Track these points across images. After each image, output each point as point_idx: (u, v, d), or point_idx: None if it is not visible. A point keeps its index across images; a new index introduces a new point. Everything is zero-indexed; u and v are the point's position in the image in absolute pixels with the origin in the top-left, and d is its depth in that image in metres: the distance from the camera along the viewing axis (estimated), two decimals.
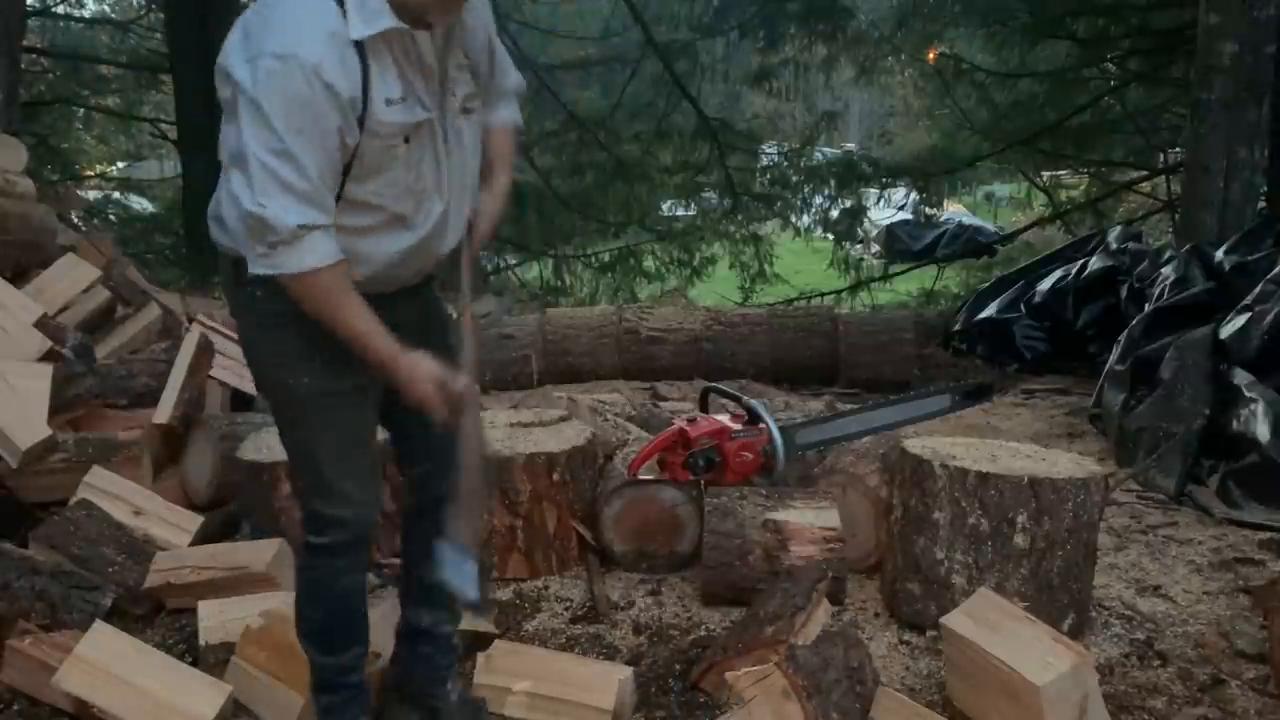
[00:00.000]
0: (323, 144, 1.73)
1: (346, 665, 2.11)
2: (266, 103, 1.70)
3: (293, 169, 1.72)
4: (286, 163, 1.71)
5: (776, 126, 13.27)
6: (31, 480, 3.18)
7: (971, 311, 7.34)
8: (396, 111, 1.80)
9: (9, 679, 2.38)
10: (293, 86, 1.69)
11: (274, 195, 1.72)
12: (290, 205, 1.72)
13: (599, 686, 2.26)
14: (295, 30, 1.71)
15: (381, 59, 1.77)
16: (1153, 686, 2.57)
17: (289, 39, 1.70)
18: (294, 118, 1.70)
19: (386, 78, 1.78)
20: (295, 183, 1.72)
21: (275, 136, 1.70)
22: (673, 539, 3.13)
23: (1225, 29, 6.47)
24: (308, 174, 1.73)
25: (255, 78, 1.71)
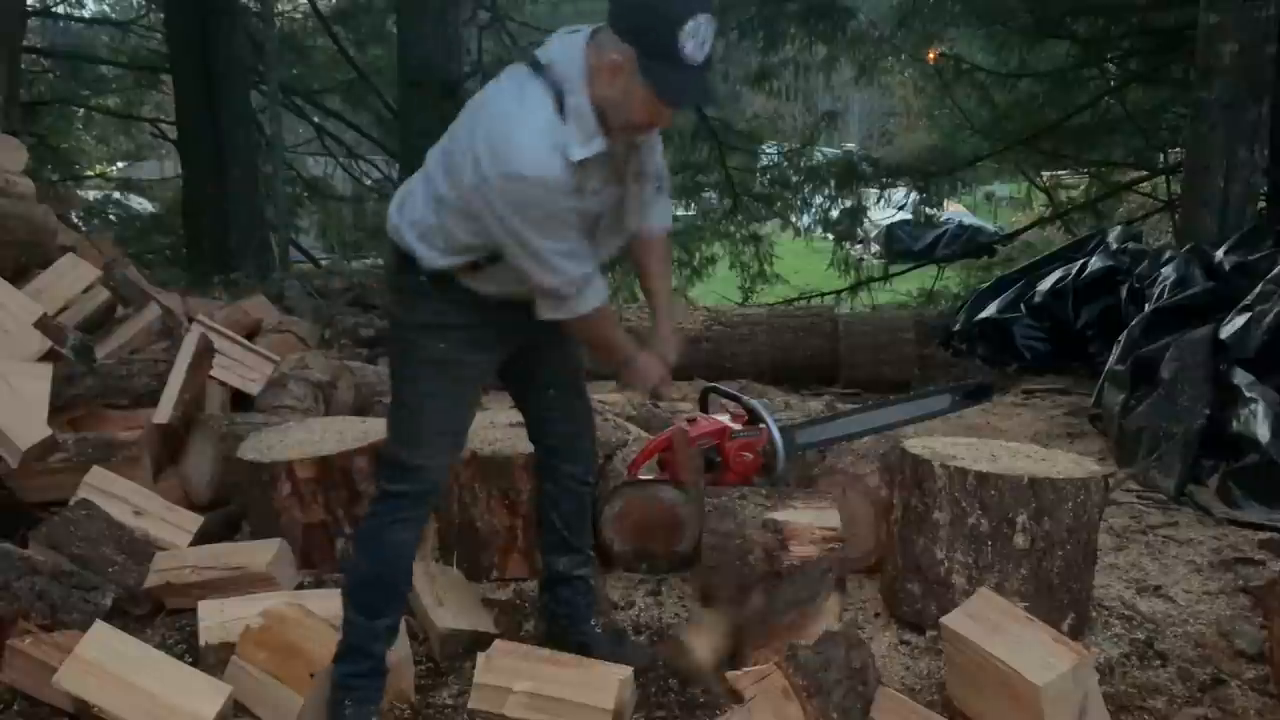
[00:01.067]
0: (564, 222, 2.07)
1: (377, 633, 2.26)
2: (523, 211, 2.02)
3: (560, 244, 2.07)
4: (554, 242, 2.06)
5: (776, 126, 13.25)
6: (31, 480, 3.18)
7: (971, 311, 7.34)
8: (597, 200, 2.15)
9: (9, 679, 2.38)
10: (536, 199, 2.01)
11: (559, 266, 2.09)
12: (572, 267, 2.11)
13: (599, 686, 2.26)
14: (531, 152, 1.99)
15: (587, 168, 2.09)
16: (1153, 686, 2.57)
17: (528, 162, 1.99)
18: (542, 214, 2.03)
19: (592, 176, 2.11)
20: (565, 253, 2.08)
21: (544, 229, 2.04)
22: (672, 539, 3.13)
23: (1225, 29, 6.47)
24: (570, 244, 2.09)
25: (504, 191, 2.01)
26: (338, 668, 2.26)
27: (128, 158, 16.41)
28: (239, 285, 7.99)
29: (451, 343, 2.21)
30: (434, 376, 2.24)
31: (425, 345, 2.23)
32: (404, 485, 2.25)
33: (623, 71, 1.99)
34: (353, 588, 2.29)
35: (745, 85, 12.24)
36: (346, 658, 2.26)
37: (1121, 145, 10.82)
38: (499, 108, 2.07)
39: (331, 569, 3.03)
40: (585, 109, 2.02)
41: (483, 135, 2.04)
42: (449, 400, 2.27)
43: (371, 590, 2.27)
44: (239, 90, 10.07)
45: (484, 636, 2.59)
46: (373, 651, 2.26)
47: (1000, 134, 10.56)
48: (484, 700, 2.33)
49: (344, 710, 2.23)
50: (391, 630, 2.30)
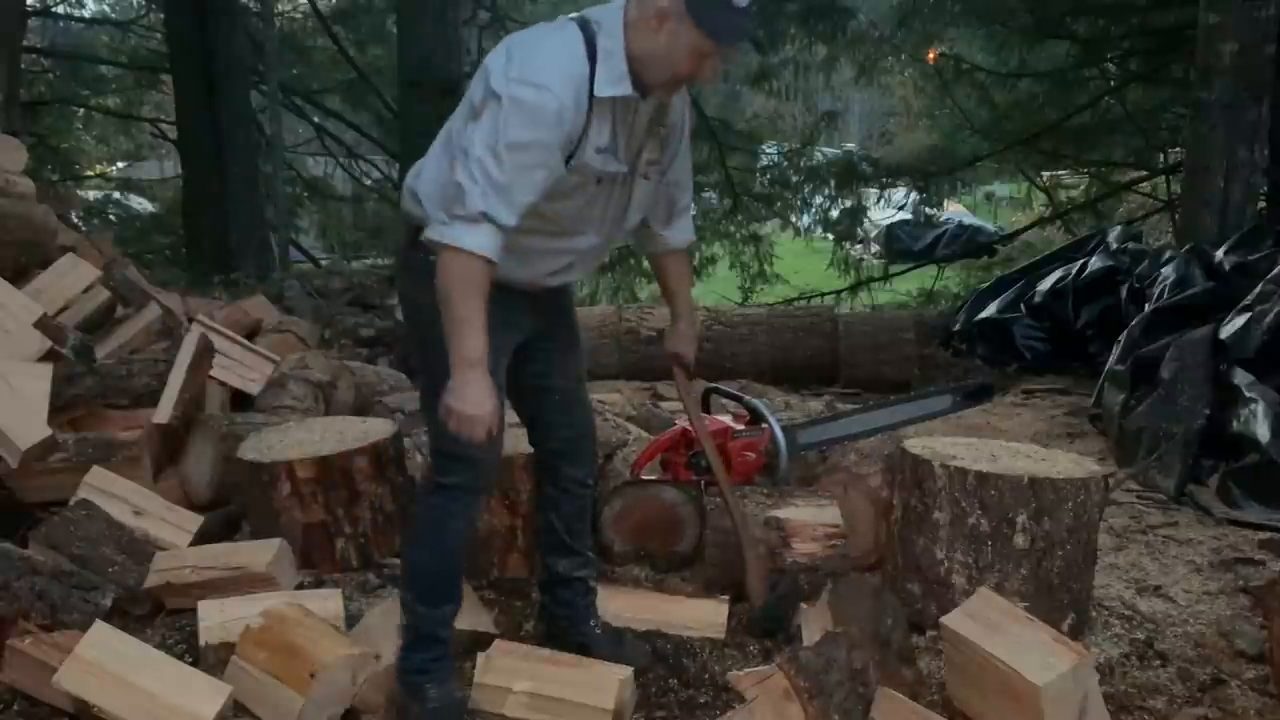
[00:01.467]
0: (535, 164, 2.00)
1: (444, 619, 2.31)
2: (513, 115, 1.97)
3: (499, 170, 1.97)
4: (499, 162, 1.97)
5: (776, 126, 13.26)
6: (31, 480, 3.18)
7: (971, 311, 7.35)
8: (600, 159, 2.10)
9: (9, 679, 2.38)
10: (537, 113, 1.97)
11: (479, 180, 1.98)
12: (486, 192, 1.98)
13: (599, 686, 2.26)
14: (553, 69, 2.00)
15: (603, 113, 2.08)
16: (1153, 686, 2.57)
17: (545, 75, 1.98)
18: (524, 135, 1.97)
19: (602, 129, 2.08)
20: (498, 180, 1.98)
21: (502, 140, 1.97)
22: (672, 539, 3.13)
23: (1225, 29, 6.48)
24: (510, 179, 1.98)
25: (511, 93, 1.97)
26: (410, 657, 2.30)
27: (128, 158, 16.41)
28: (239, 285, 8.00)
29: None
30: None
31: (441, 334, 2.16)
32: (458, 477, 2.25)
33: (670, 18, 2.00)
34: (414, 579, 2.32)
35: (745, 85, 12.24)
36: (417, 647, 2.29)
37: (1121, 145, 10.83)
38: (531, 34, 2.10)
39: (331, 569, 3.03)
40: (618, 53, 2.03)
41: (506, 49, 2.05)
42: None
43: (434, 580, 2.30)
44: (239, 90, 10.07)
45: (484, 636, 2.59)
46: (442, 637, 2.31)
47: (1000, 134, 10.57)
48: (484, 700, 2.33)
49: (427, 693, 2.26)
50: (455, 613, 2.34)
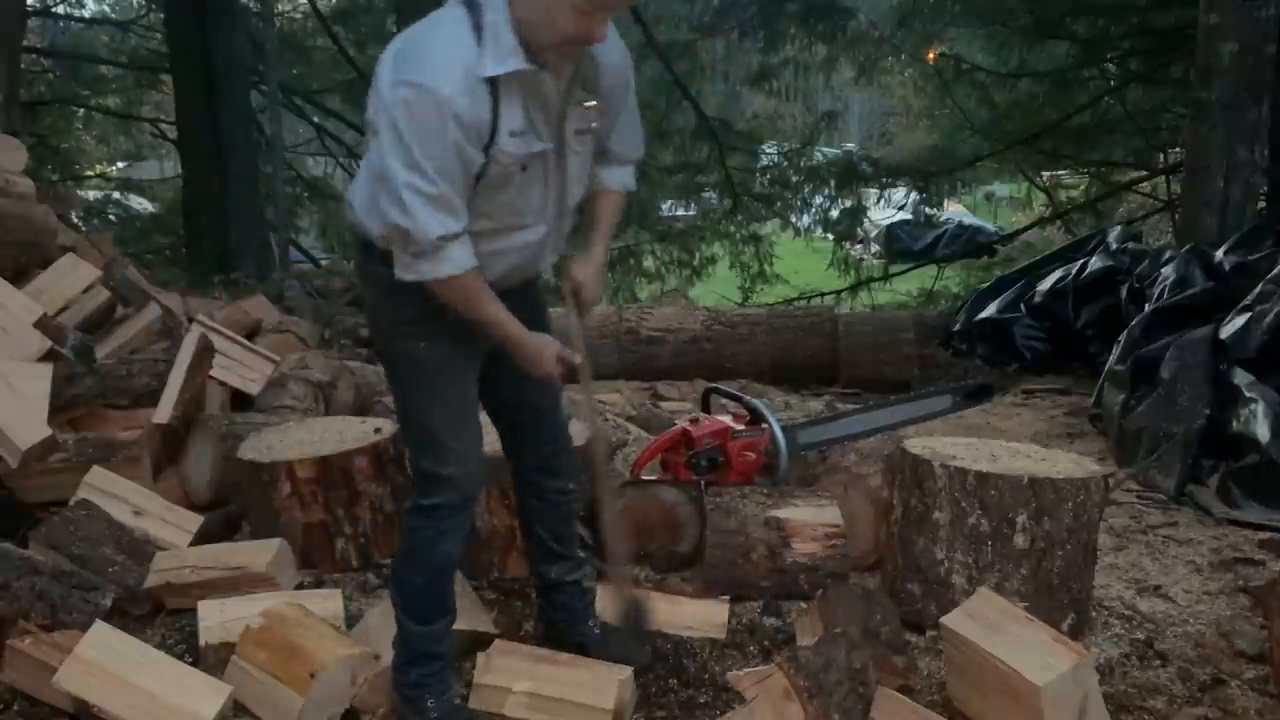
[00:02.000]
0: (451, 165, 1.92)
1: (438, 635, 2.29)
2: (404, 127, 1.87)
3: (429, 186, 1.90)
4: (423, 181, 1.90)
5: (776, 126, 13.27)
6: (31, 480, 3.18)
7: (971, 311, 7.35)
8: (518, 143, 1.99)
9: (9, 679, 2.38)
10: (426, 115, 1.87)
11: (416, 212, 1.92)
12: (430, 219, 1.93)
13: (599, 687, 2.26)
14: (434, 64, 1.88)
15: (510, 93, 1.95)
16: (1153, 686, 2.57)
17: (428, 72, 1.87)
18: (427, 143, 1.88)
19: (512, 111, 1.96)
20: (433, 198, 1.91)
21: (412, 159, 1.88)
22: (672, 539, 3.13)
23: (1225, 29, 6.48)
24: (442, 190, 1.92)
25: (394, 102, 1.88)
26: (407, 673, 2.28)
27: (128, 158, 16.41)
28: (239, 285, 8.00)
29: (432, 340, 2.13)
30: (429, 381, 2.18)
31: (407, 347, 2.17)
32: (439, 498, 2.20)
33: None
34: (405, 601, 2.28)
35: (745, 85, 12.24)
36: (413, 663, 2.28)
37: (1121, 145, 10.84)
38: (413, 30, 1.98)
39: (331, 569, 3.03)
40: (502, 25, 1.90)
41: (391, 50, 1.95)
42: (453, 401, 2.21)
43: (425, 600, 2.27)
44: (239, 90, 10.07)
45: (483, 636, 2.59)
46: (437, 652, 2.28)
47: (1000, 134, 10.57)
48: (484, 700, 2.33)
49: (427, 705, 2.26)
50: (450, 623, 2.32)
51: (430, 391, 2.18)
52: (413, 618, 2.27)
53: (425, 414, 2.20)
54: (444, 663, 2.30)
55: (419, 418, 2.21)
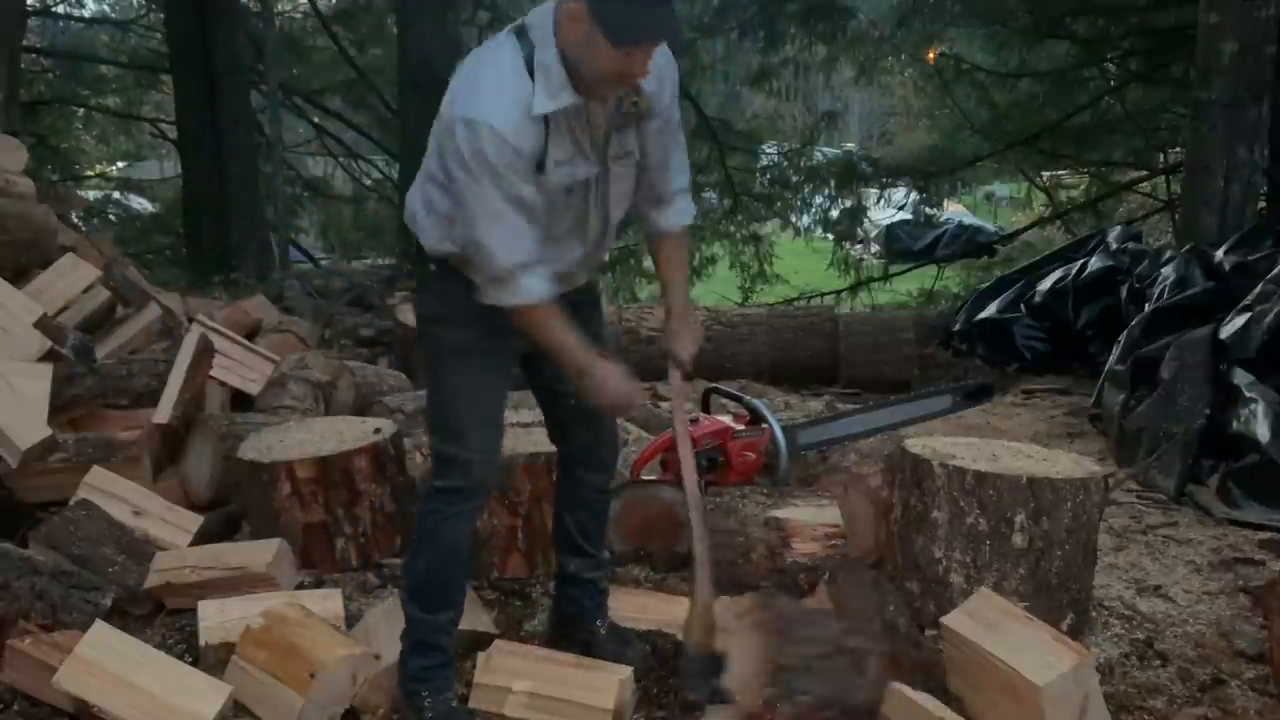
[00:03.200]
0: (519, 195, 1.99)
1: (440, 626, 2.29)
2: (472, 159, 1.96)
3: (502, 216, 1.99)
4: (498, 211, 1.98)
5: (776, 126, 13.27)
6: (31, 480, 3.18)
7: (971, 311, 7.34)
8: (564, 172, 2.06)
9: (9, 679, 2.38)
10: (488, 148, 1.94)
11: (490, 240, 2.01)
12: (502, 248, 2.01)
13: (599, 687, 2.26)
14: (491, 100, 1.96)
15: (559, 126, 2.02)
16: (1153, 686, 2.57)
17: (486, 108, 1.95)
18: (492, 172, 1.95)
19: (561, 141, 2.03)
20: (505, 227, 2.00)
21: (483, 190, 1.97)
22: (672, 539, 3.13)
23: (1225, 29, 6.47)
24: (514, 221, 2.00)
25: (458, 134, 1.96)
26: (408, 662, 2.29)
27: (128, 158, 16.41)
28: (239, 285, 8.00)
29: (469, 330, 2.18)
30: (461, 367, 2.23)
31: (445, 335, 2.23)
32: (454, 480, 2.24)
33: (580, 19, 1.91)
34: (412, 586, 2.31)
35: (745, 85, 12.24)
36: (415, 652, 2.29)
37: (1121, 145, 10.83)
38: (473, 63, 2.06)
39: (331, 569, 3.03)
40: (552, 61, 1.96)
41: (453, 87, 2.03)
42: (481, 389, 2.26)
43: (432, 586, 2.29)
44: (239, 90, 10.07)
45: (483, 636, 2.59)
46: (440, 644, 2.30)
47: (1000, 134, 10.57)
48: (484, 700, 2.33)
49: (423, 701, 2.26)
50: (454, 621, 2.33)
51: (464, 376, 2.23)
52: (416, 603, 2.29)
53: (455, 397, 2.25)
54: (445, 657, 2.31)
55: (448, 400, 2.27)
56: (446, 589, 2.31)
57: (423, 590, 2.29)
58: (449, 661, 2.33)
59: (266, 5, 10.70)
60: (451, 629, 2.33)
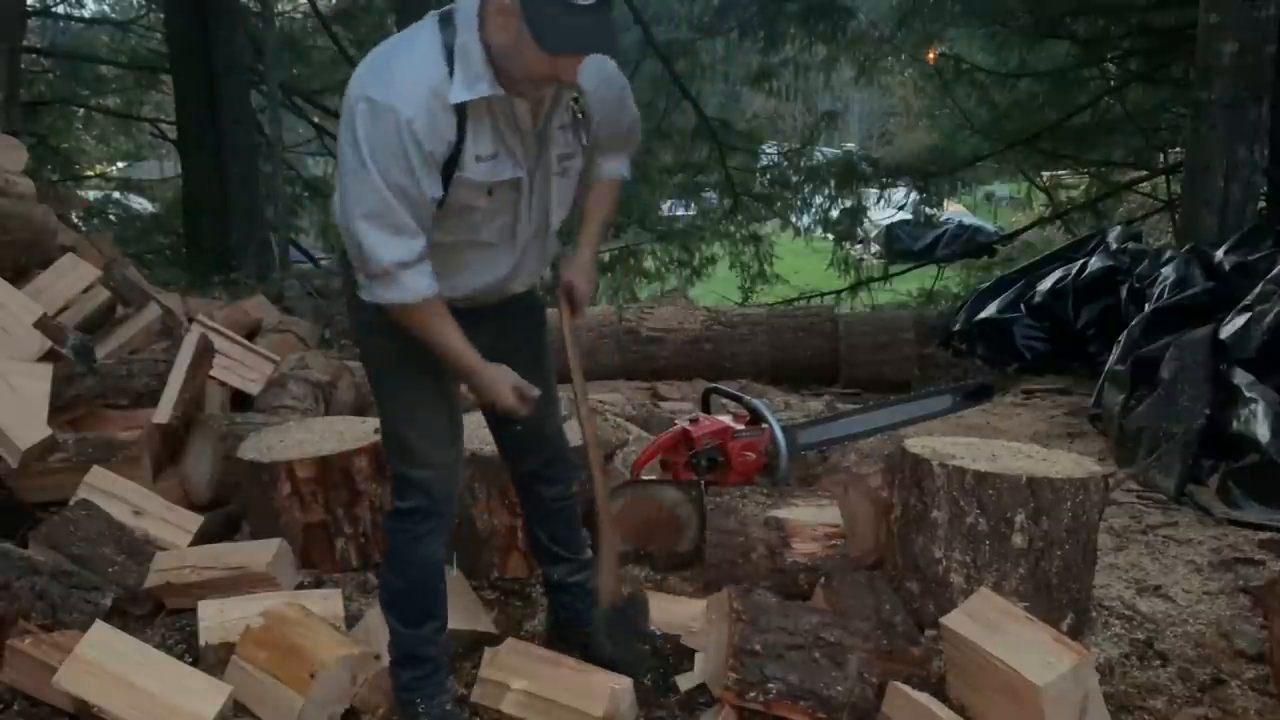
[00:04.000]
0: (408, 188, 1.87)
1: (425, 638, 2.26)
2: (364, 145, 1.85)
3: (384, 211, 1.87)
4: (379, 205, 1.87)
5: (776, 126, 13.27)
6: (31, 480, 3.18)
7: (971, 311, 7.34)
8: (485, 168, 1.95)
9: (9, 679, 2.38)
10: (386, 135, 1.83)
11: (369, 236, 1.89)
12: (382, 244, 1.89)
13: (592, 694, 2.26)
14: (400, 84, 1.85)
15: (479, 118, 1.91)
16: (1153, 686, 2.57)
17: (393, 91, 1.84)
18: (385, 164, 1.84)
19: (480, 136, 1.92)
20: (387, 224, 1.88)
21: (369, 181, 1.85)
22: (673, 539, 3.13)
23: (1225, 29, 6.47)
24: (398, 217, 1.88)
25: (357, 115, 1.85)
26: (399, 676, 2.27)
27: (128, 158, 16.41)
28: (239, 285, 8.00)
29: (400, 337, 2.05)
30: (403, 381, 2.14)
31: (381, 347, 2.13)
32: (415, 500, 2.18)
33: (511, 15, 1.81)
34: (390, 604, 2.27)
35: (745, 85, 12.24)
36: (404, 665, 2.26)
37: (1121, 145, 10.84)
38: (387, 45, 1.94)
39: (331, 569, 3.03)
40: (473, 48, 1.85)
41: (360, 67, 1.91)
42: (427, 401, 2.16)
43: (410, 602, 2.26)
44: (239, 90, 10.07)
45: (483, 636, 2.60)
46: (427, 655, 2.26)
47: (1000, 134, 10.57)
48: (484, 694, 2.35)
49: (417, 709, 2.24)
50: (439, 629, 2.29)
51: (398, 389, 2.16)
52: (397, 619, 2.26)
53: (393, 413, 2.18)
54: (435, 666, 2.28)
55: (389, 418, 2.20)
56: (426, 602, 2.27)
57: (402, 607, 2.26)
58: (439, 668, 2.29)
59: (266, 5, 10.69)
60: (438, 637, 2.29)
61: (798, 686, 2.19)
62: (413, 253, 1.92)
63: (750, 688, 2.20)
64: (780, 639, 2.22)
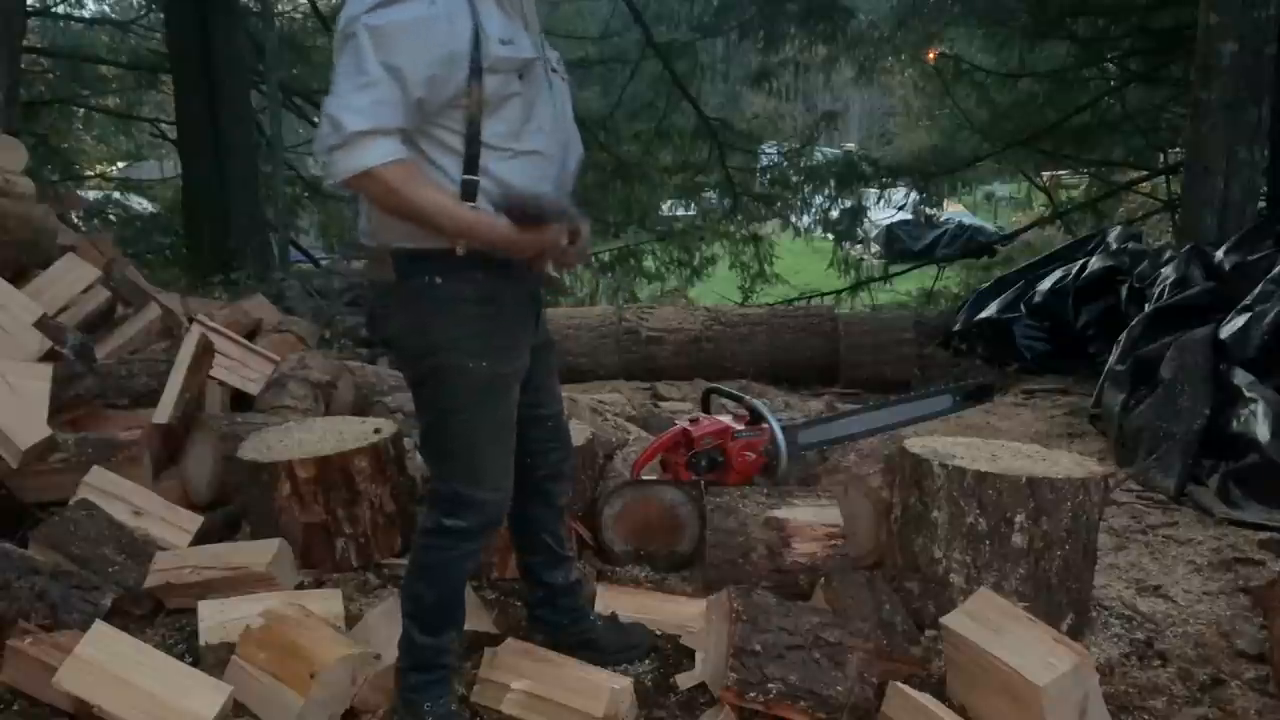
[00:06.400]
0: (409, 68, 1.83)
1: (443, 646, 2.24)
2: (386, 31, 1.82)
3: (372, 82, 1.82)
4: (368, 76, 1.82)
5: (776, 126, 13.27)
6: (31, 480, 3.18)
7: (971, 311, 7.35)
8: (510, 49, 1.93)
9: (9, 679, 2.38)
10: (409, 21, 1.82)
11: (350, 98, 1.83)
12: (361, 111, 1.82)
13: (591, 693, 2.26)
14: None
15: (489, 2, 1.93)
16: (1153, 686, 2.57)
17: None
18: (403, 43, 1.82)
19: (493, 18, 1.93)
20: (373, 96, 1.82)
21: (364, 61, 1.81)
22: (672, 539, 3.14)
23: (1225, 29, 6.48)
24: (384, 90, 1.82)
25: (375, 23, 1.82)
26: (409, 677, 2.24)
27: (128, 158, 16.41)
28: (239, 285, 8.00)
29: (490, 356, 2.03)
30: (481, 400, 2.07)
31: (461, 366, 2.03)
32: (465, 521, 2.12)
33: None
34: (416, 613, 2.22)
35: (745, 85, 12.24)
36: (416, 670, 2.24)
37: (1121, 145, 10.85)
38: None
39: (331, 569, 3.03)
40: None
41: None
42: (501, 421, 2.12)
43: (436, 614, 2.22)
44: (239, 90, 10.06)
45: (484, 636, 2.59)
46: (442, 663, 2.25)
47: (1000, 134, 10.58)
48: (484, 695, 2.35)
49: (424, 710, 2.23)
50: (457, 638, 2.28)
51: (481, 414, 2.08)
52: (421, 629, 2.22)
53: (470, 437, 2.09)
54: (445, 672, 2.27)
55: (462, 441, 2.09)
56: (452, 613, 2.25)
57: (428, 618, 2.21)
58: (446, 676, 2.28)
59: (266, 5, 10.69)
60: (455, 645, 2.28)
61: (798, 686, 2.19)
62: (390, 123, 1.85)
63: (750, 688, 2.20)
64: (780, 639, 2.22)
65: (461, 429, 2.09)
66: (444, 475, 2.15)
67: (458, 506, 2.13)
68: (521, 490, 2.39)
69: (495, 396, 2.09)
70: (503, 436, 2.14)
